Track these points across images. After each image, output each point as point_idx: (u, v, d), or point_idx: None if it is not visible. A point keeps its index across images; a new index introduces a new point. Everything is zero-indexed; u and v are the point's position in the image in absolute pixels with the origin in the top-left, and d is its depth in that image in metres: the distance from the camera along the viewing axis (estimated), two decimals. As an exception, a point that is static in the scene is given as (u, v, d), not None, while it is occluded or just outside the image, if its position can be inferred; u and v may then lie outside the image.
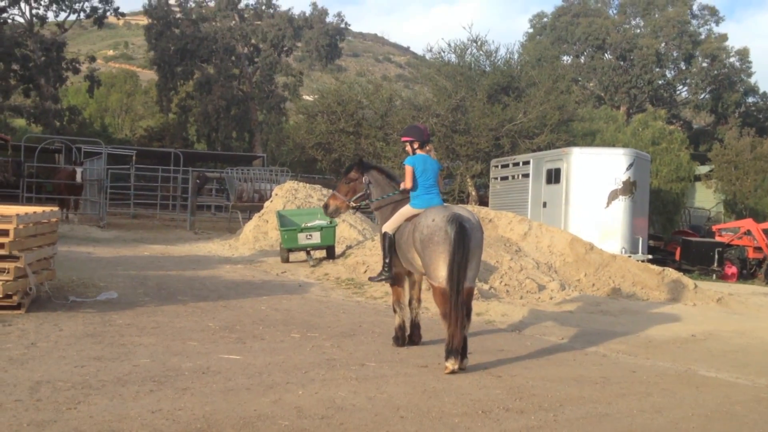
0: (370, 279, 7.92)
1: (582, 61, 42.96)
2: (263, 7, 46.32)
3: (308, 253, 14.17)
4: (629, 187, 17.46)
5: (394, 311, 7.55)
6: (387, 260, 7.29)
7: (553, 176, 17.65)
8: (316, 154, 25.42)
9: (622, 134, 28.76)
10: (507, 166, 19.85)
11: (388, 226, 7.30)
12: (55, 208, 9.97)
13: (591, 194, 17.06)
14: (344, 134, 24.50)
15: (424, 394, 5.53)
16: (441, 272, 6.50)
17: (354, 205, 7.82)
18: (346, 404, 5.15)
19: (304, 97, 43.10)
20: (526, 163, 18.87)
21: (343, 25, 48.15)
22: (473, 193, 21.89)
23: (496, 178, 20.35)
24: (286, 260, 14.28)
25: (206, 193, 31.36)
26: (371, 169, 7.78)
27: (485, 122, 20.91)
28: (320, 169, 29.00)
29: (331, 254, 14.33)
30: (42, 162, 29.97)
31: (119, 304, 8.89)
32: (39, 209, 9.20)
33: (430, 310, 9.49)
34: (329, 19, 47.43)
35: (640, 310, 11.12)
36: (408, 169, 7.22)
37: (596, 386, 6.21)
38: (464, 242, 6.43)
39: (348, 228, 16.65)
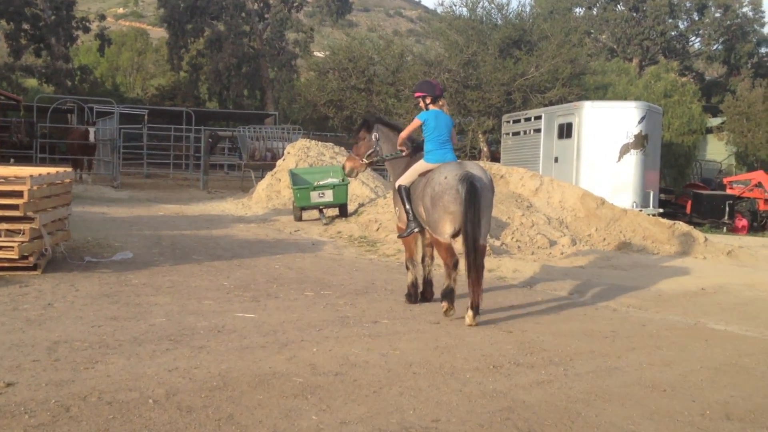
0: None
1: (594, 12, 42.24)
2: (273, -39, 45.72)
3: (321, 211, 14.25)
4: (641, 141, 17.33)
5: (407, 268, 7.64)
6: (409, 209, 7.31)
7: (565, 131, 17.52)
8: (327, 111, 25.34)
9: (634, 87, 28.41)
10: (518, 121, 19.71)
11: (403, 180, 7.40)
12: (69, 169, 10.04)
13: (602, 148, 16.96)
14: (355, 91, 24.38)
15: (436, 350, 5.62)
16: (447, 229, 6.71)
17: (367, 161, 7.88)
18: (359, 361, 5.23)
19: (315, 53, 42.71)
20: (538, 118, 18.73)
21: (353, -21, 47.47)
22: (485, 148, 21.79)
23: (507, 134, 20.22)
24: (299, 219, 14.36)
25: (219, 152, 31.41)
26: (379, 124, 7.88)
27: (497, 77, 20.71)
28: (332, 126, 28.93)
29: (343, 212, 14.39)
30: (54, 122, 30.08)
31: (134, 264, 8.98)
32: (52, 170, 9.26)
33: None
34: (339, -27, 46.78)
35: (650, 264, 11.15)
36: (414, 122, 7.33)
37: (606, 340, 6.27)
38: (474, 201, 6.51)
39: (360, 186, 16.68)
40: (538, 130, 18.53)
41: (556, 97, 20.52)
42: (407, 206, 7.32)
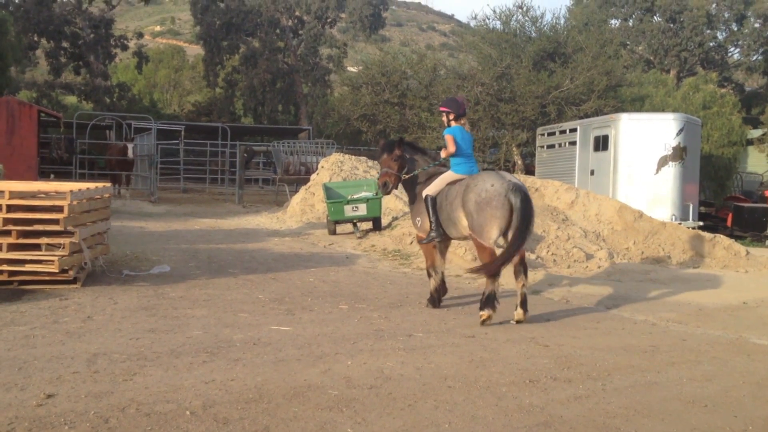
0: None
1: (630, 24, 41.86)
2: (307, -21, 46.19)
3: (355, 225, 14.27)
4: (679, 153, 17.09)
5: (429, 275, 8.10)
6: (434, 220, 7.70)
7: (601, 143, 17.35)
8: (361, 125, 25.43)
9: (672, 99, 28.04)
10: (553, 134, 19.56)
11: (430, 190, 7.79)
12: (108, 184, 10.19)
13: (640, 161, 16.74)
14: (389, 105, 24.42)
15: (471, 364, 5.58)
16: (493, 234, 7.15)
17: (405, 178, 8.15)
18: (394, 374, 5.21)
19: (348, 68, 43.00)
20: (573, 130, 18.57)
21: (386, -5, 47.71)
22: (519, 161, 21.65)
23: (542, 147, 20.08)
24: (333, 232, 14.41)
25: (253, 166, 31.68)
26: (409, 147, 8.30)
27: (531, 90, 20.60)
28: (365, 140, 29.02)
29: (377, 226, 14.40)
30: (93, 138, 30.64)
31: (172, 278, 9.08)
32: (92, 185, 9.41)
33: (477, 280, 9.52)
34: (373, -12, 47.04)
35: (690, 278, 10.96)
36: (449, 137, 7.79)
37: (645, 355, 6.17)
38: (527, 209, 7.09)
39: (394, 199, 16.66)
40: (573, 143, 18.37)
41: (592, 109, 20.33)
42: (433, 216, 7.70)
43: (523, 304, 7.23)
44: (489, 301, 7.11)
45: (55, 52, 41.96)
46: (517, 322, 7.17)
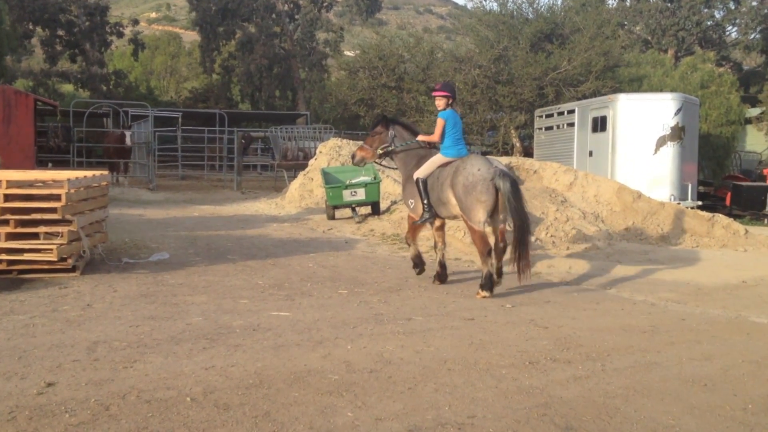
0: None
1: (627, 4, 41.57)
2: (302, -38, 45.91)
3: (353, 209, 14.26)
4: (678, 133, 17.05)
5: (408, 245, 8.80)
6: (425, 201, 8.06)
7: (599, 124, 17.30)
8: (358, 110, 25.33)
9: (670, 79, 27.92)
10: (551, 115, 19.49)
11: (421, 172, 8.11)
12: (105, 172, 10.17)
13: (638, 141, 16.70)
14: (386, 89, 24.32)
15: (470, 347, 5.59)
16: (480, 216, 7.50)
17: (380, 152, 8.62)
18: (394, 358, 5.22)
19: (345, 53, 42.78)
20: (571, 111, 18.51)
21: (382, -23, 47.44)
22: (518, 144, 21.57)
23: (540, 129, 20.02)
24: (331, 217, 14.40)
25: (251, 152, 31.62)
26: (396, 124, 8.68)
27: (528, 71, 20.49)
28: (363, 125, 28.93)
29: (376, 210, 14.40)
30: (90, 126, 30.52)
31: (171, 265, 9.09)
32: (89, 173, 9.37)
33: (475, 263, 9.52)
34: (369, -30, 46.83)
35: (689, 257, 10.97)
36: (440, 122, 8.07)
37: (644, 335, 6.19)
38: (517, 192, 7.45)
39: (392, 183, 16.65)
40: (571, 124, 18.31)
41: (590, 90, 20.23)
42: (425, 198, 8.04)
43: (489, 279, 7.62)
44: (486, 282, 7.57)
45: (50, 40, 41.77)
46: (482, 297, 7.54)
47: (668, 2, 40.28)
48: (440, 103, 8.16)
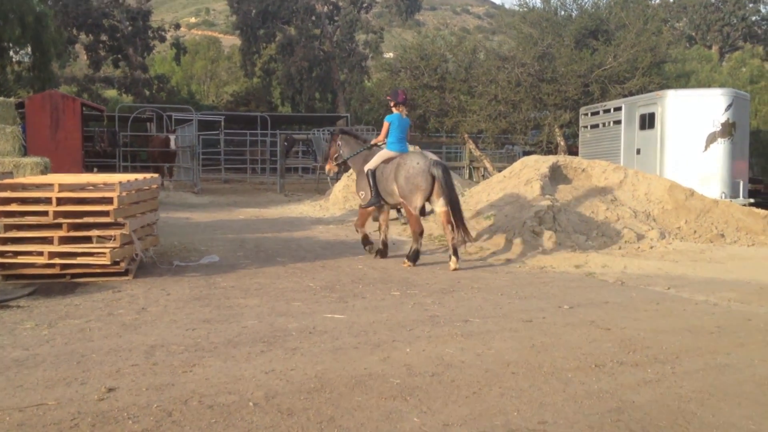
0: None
1: (671, 0, 40.81)
2: (341, -36, 46.02)
3: (398, 210, 14.12)
4: (728, 129, 16.57)
5: (357, 230, 10.47)
6: (373, 189, 9.68)
7: (647, 121, 16.89)
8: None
9: (717, 74, 27.28)
10: (597, 113, 19.13)
11: (370, 165, 9.73)
12: (155, 175, 10.23)
13: (688, 138, 16.26)
14: (428, 89, 24.10)
15: (532, 349, 5.44)
16: (418, 202, 9.20)
17: (337, 162, 10.52)
18: (454, 361, 5.10)
19: (385, 54, 42.67)
20: (618, 109, 18.13)
21: (422, -23, 47.21)
22: (562, 143, 21.21)
23: (585, 127, 19.67)
24: (376, 219, 14.27)
25: (293, 155, 31.74)
26: (343, 135, 10.52)
27: (573, 69, 20.11)
28: (404, 125, 28.77)
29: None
30: (135, 131, 30.90)
31: (221, 267, 9.10)
32: (140, 176, 9.44)
33: (526, 264, 9.38)
34: (408, -30, 46.67)
35: (747, 256, 10.64)
36: (385, 124, 9.73)
37: (711, 336, 5.97)
38: (448, 177, 9.13)
39: (437, 183, 16.53)
40: (618, 122, 17.94)
41: (636, 87, 19.77)
42: (373, 187, 9.65)
43: (455, 253, 9.11)
44: (414, 255, 9.37)
45: (94, 45, 42.42)
46: (454, 270, 8.95)
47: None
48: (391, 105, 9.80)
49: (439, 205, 9.27)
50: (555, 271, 9.26)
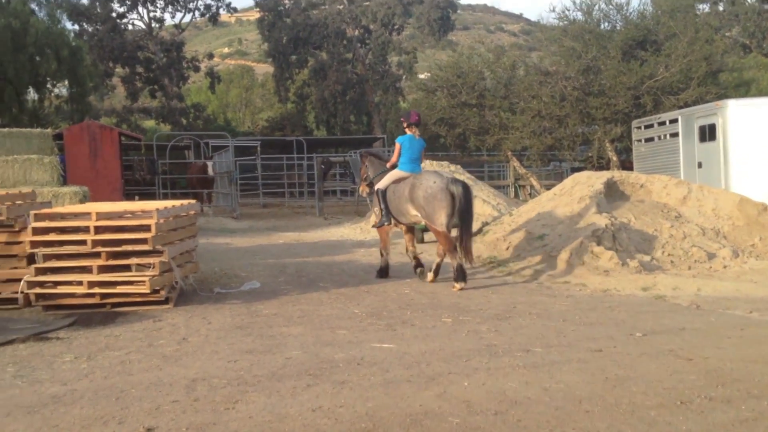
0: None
1: (721, 8, 39.63)
2: (371, -14, 46.03)
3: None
4: (797, 139, 15.64)
5: (381, 255, 10.19)
6: (384, 208, 9.69)
7: (707, 133, 16.09)
8: (438, 130, 24.72)
9: (780, 82, 26.14)
10: (651, 126, 18.38)
11: (380, 184, 9.80)
12: (193, 201, 9.99)
13: (754, 149, 15.32)
14: (467, 107, 23.65)
15: (606, 383, 4.90)
16: (443, 219, 8.96)
17: (366, 183, 10.40)
18: (519, 397, 4.61)
19: (419, 75, 42.40)
20: (674, 121, 17.35)
21: (453, -4, 46.93)
22: (614, 158, 20.45)
23: (639, 140, 18.90)
24: (420, 240, 13.85)
25: (330, 178, 31.52)
26: (369, 156, 10.63)
27: (622, 81, 19.38)
28: (443, 145, 28.36)
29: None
30: (173, 159, 31.02)
31: (263, 294, 8.80)
32: (177, 203, 9.20)
33: (587, 286, 8.85)
34: (438, -10, 46.46)
35: (833, 274, 9.84)
36: (397, 145, 9.76)
37: (809, 366, 5.35)
38: (468, 197, 9.04)
39: (482, 204, 16.06)
40: (675, 135, 17.16)
41: (692, 98, 18.93)
42: (383, 206, 9.66)
43: (461, 273, 8.96)
44: (459, 272, 8.95)
45: (130, 77, 43.03)
46: (459, 290, 8.86)
47: (766, 4, 38.19)
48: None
49: (451, 223, 9.13)
50: (620, 294, 8.65)
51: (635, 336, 6.31)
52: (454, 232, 9.25)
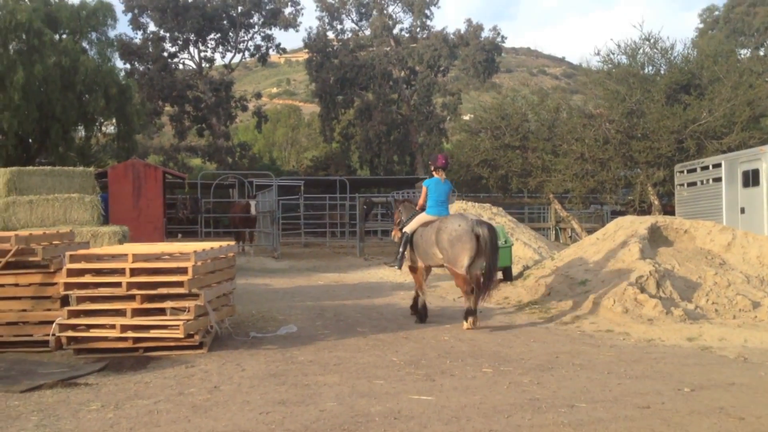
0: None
1: (762, 53, 39.24)
2: (418, 30, 46.47)
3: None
4: (843, 185, 15.22)
5: (417, 294, 10.15)
6: (402, 251, 10.00)
7: (751, 178, 15.71)
8: (481, 171, 24.59)
9: (823, 128, 25.55)
10: (694, 170, 18.04)
11: (408, 228, 9.99)
12: (232, 243, 9.92)
13: (797, 195, 14.99)
14: (510, 149, 23.54)
15: (656, 444, 4.65)
16: (464, 262, 9.02)
17: (399, 228, 10.58)
18: (563, 458, 4.39)
19: (463, 117, 42.44)
20: (717, 165, 17.02)
21: (499, 39, 47.15)
22: (656, 202, 20.08)
23: (681, 185, 18.56)
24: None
25: (372, 218, 31.48)
26: (403, 202, 11.13)
27: (665, 125, 19.10)
28: (486, 186, 28.19)
29: (508, 276, 13.55)
30: (217, 197, 31.32)
31: (299, 339, 8.64)
32: (216, 244, 9.12)
33: (631, 335, 8.53)
34: (485, 34, 46.76)
35: None
36: (423, 189, 10.06)
37: None
38: (493, 240, 9.03)
39: (522, 247, 15.83)
40: (718, 179, 16.81)
41: (735, 142, 18.58)
42: (403, 249, 9.96)
43: (474, 313, 9.23)
44: (470, 313, 9.19)
45: (179, 116, 43.84)
46: (467, 329, 9.12)
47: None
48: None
49: (477, 266, 9.12)
50: (665, 344, 8.32)
51: (683, 391, 6.01)
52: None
